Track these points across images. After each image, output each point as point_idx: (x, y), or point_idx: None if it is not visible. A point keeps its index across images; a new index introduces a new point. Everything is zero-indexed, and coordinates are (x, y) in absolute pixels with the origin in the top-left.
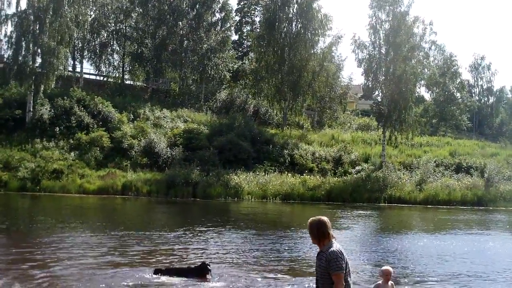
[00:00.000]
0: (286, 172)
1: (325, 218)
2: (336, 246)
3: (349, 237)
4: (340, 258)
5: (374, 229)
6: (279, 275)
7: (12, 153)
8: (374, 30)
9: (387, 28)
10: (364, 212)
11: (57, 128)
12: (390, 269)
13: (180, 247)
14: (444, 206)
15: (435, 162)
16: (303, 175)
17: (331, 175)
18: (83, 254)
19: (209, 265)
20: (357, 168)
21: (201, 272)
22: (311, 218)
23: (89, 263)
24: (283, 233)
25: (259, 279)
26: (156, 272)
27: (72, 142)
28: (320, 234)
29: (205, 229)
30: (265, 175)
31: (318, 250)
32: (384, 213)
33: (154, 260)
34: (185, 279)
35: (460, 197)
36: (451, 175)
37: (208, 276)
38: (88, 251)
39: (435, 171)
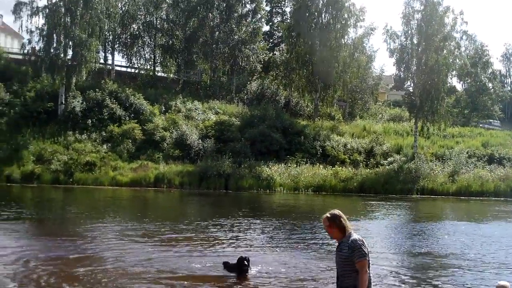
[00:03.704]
0: (318, 164)
1: (339, 211)
2: (356, 235)
3: (388, 226)
4: (363, 245)
5: (412, 218)
6: (315, 264)
7: (45, 145)
8: (406, 20)
9: (420, 18)
10: (398, 203)
11: (89, 121)
12: (508, 284)
13: (218, 236)
14: (477, 198)
15: (467, 153)
16: (335, 167)
17: (363, 166)
18: (122, 242)
19: (247, 260)
20: (389, 159)
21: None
22: (327, 213)
23: (126, 251)
24: (318, 223)
25: (296, 270)
26: (225, 264)
27: (104, 134)
28: (342, 225)
29: (241, 219)
30: (296, 166)
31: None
32: (418, 204)
33: (193, 249)
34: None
35: (493, 189)
36: (484, 166)
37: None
38: (125, 240)
39: (467, 162)
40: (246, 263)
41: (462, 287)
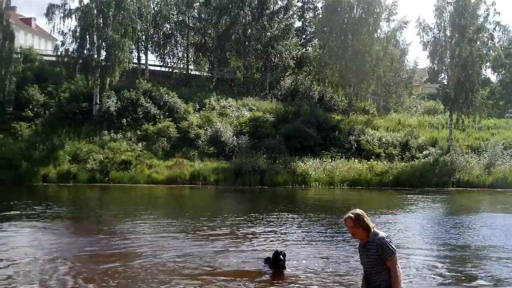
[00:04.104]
0: (353, 158)
1: (360, 210)
2: (381, 232)
3: (426, 219)
4: (391, 242)
5: (449, 211)
6: (353, 258)
7: (81, 145)
8: (439, 12)
9: (452, 10)
10: (434, 196)
11: (124, 120)
12: None
13: (254, 231)
14: None
15: (503, 144)
16: (370, 161)
17: (398, 160)
18: (159, 239)
19: (283, 255)
20: (424, 152)
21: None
22: (350, 213)
23: (162, 247)
24: None
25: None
26: (266, 261)
27: (139, 133)
28: (366, 224)
29: (277, 214)
30: (331, 161)
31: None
32: (455, 196)
33: (230, 244)
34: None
35: None
36: None
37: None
38: (162, 236)
39: (503, 154)
40: (282, 258)
41: (502, 280)
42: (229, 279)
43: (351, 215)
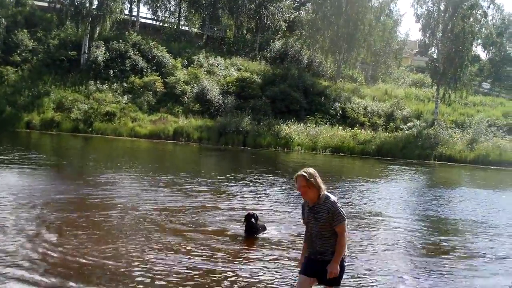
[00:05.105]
0: (337, 125)
1: (313, 169)
2: (332, 196)
3: (406, 190)
4: (342, 207)
5: (430, 183)
6: None
7: (66, 94)
8: None
9: None
10: (416, 168)
11: (111, 71)
12: None
13: (233, 191)
14: (495, 167)
15: (487, 122)
16: (354, 129)
17: (382, 130)
18: (137, 191)
19: (256, 218)
20: (408, 124)
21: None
22: (302, 172)
23: (140, 200)
24: (338, 183)
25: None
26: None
27: (125, 85)
28: (318, 184)
29: (258, 176)
30: (316, 127)
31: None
32: (436, 170)
33: (207, 202)
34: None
35: None
36: (503, 136)
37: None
38: (140, 189)
39: (486, 131)
40: (254, 221)
41: (475, 252)
42: (203, 236)
43: (304, 173)
